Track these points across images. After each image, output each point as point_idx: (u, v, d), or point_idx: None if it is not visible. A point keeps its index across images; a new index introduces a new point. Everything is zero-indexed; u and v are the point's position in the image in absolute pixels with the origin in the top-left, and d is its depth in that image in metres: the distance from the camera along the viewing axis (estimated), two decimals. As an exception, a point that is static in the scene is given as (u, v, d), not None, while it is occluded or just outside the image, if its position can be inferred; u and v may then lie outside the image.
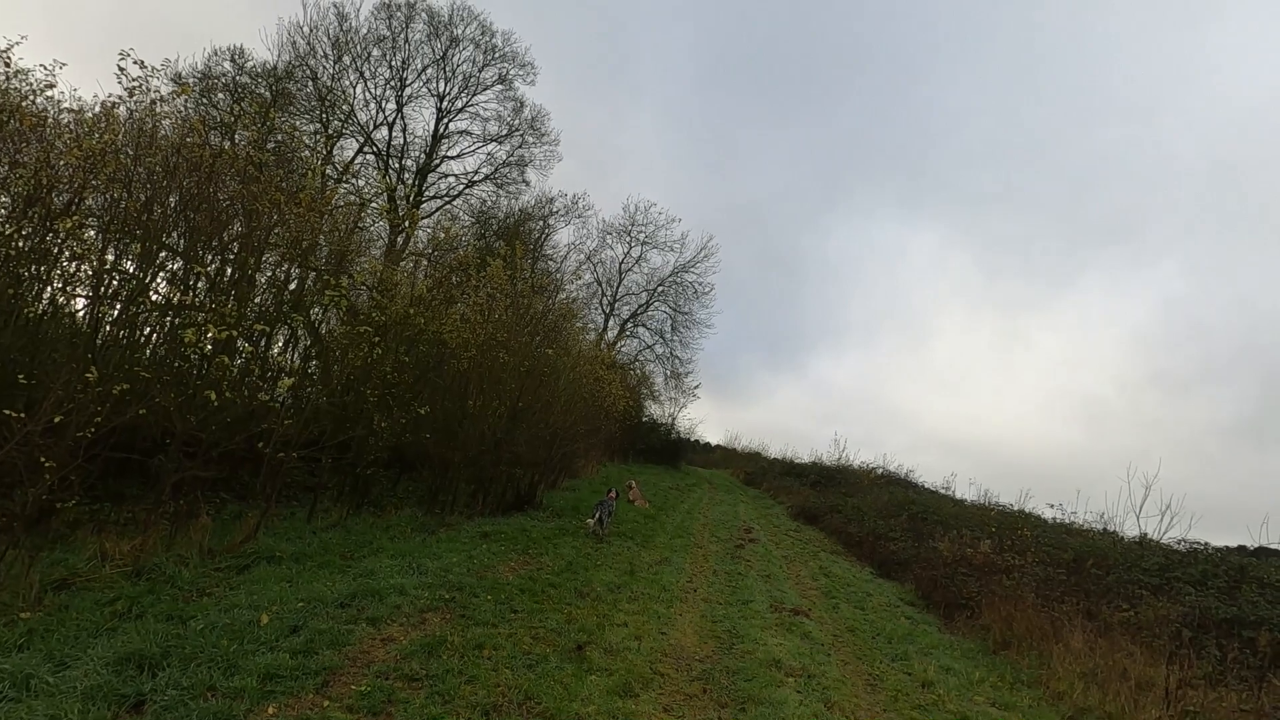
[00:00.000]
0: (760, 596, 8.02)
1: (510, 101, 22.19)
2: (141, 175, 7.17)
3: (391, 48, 21.37)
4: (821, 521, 17.67)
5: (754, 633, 6.43)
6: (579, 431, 12.06)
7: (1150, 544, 11.20)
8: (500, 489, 10.27)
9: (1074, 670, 6.40)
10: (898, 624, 7.92)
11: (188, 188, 7.36)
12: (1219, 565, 9.50)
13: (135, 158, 7.06)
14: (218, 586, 5.65)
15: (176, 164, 7.25)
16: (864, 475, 24.63)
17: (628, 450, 25.06)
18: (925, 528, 13.76)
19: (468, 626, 5.22)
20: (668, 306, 32.39)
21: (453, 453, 9.69)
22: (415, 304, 8.95)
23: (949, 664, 6.51)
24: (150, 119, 7.45)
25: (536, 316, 11.28)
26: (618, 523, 11.11)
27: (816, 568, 11.01)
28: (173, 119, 7.92)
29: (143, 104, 7.35)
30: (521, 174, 23.25)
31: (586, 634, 5.49)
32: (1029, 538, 10.63)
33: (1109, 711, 5.55)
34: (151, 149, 7.15)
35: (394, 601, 5.49)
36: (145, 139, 7.20)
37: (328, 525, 8.29)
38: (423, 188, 21.38)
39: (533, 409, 10.07)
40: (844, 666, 6.08)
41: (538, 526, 9.50)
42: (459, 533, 8.56)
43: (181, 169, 7.33)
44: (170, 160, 7.22)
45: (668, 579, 8.01)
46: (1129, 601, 8.56)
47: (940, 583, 9.54)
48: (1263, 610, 7.74)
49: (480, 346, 9.46)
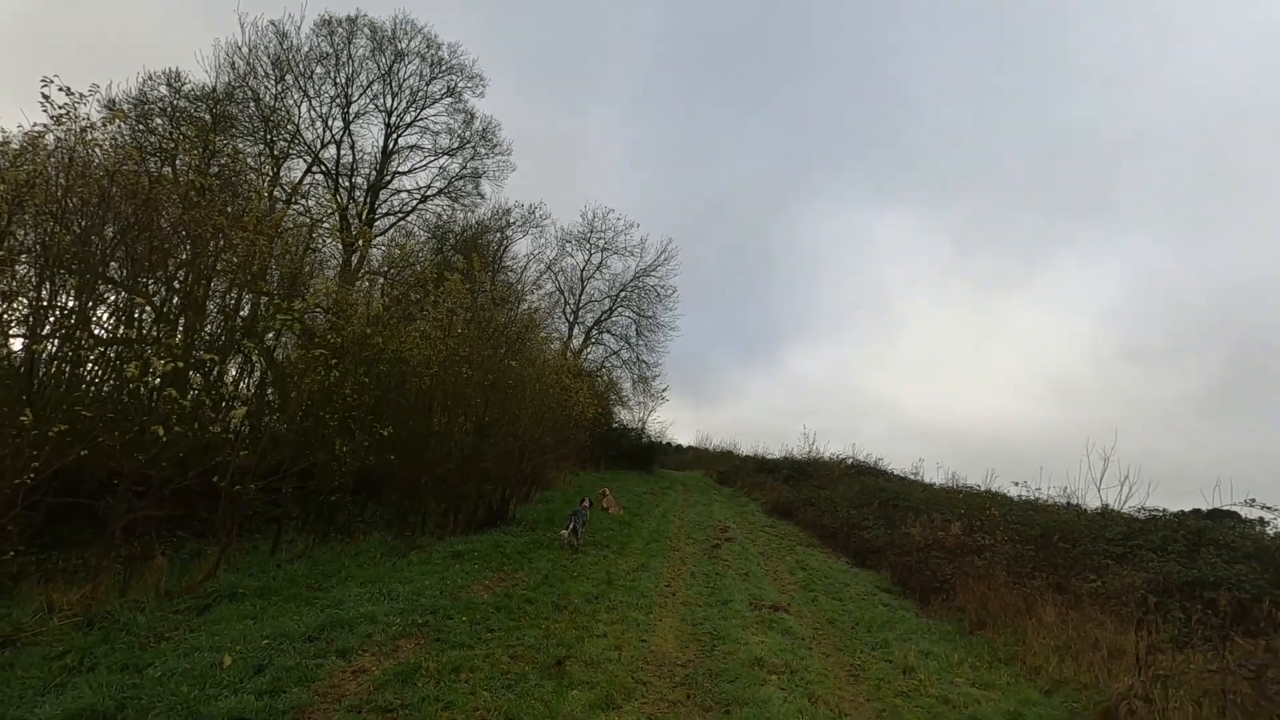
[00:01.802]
0: (739, 595, 8.01)
1: (460, 114, 22.00)
2: (75, 205, 6.88)
3: (335, 65, 20.99)
4: (796, 515, 17.81)
5: (735, 632, 6.41)
6: (548, 442, 11.94)
7: (1112, 514, 11.52)
8: (471, 506, 10.09)
9: (1048, 644, 6.53)
10: (876, 612, 7.99)
11: (126, 216, 7.09)
12: (1177, 530, 9.81)
13: (67, 188, 6.77)
14: (177, 630, 5.42)
15: (111, 192, 6.98)
16: (834, 467, 24.91)
17: (600, 458, 24.94)
18: (897, 514, 13.95)
19: (443, 650, 5.09)
20: (631, 311, 32.40)
21: (420, 473, 9.50)
22: (372, 324, 8.74)
23: (928, 648, 6.58)
24: (82, 146, 7.17)
25: (498, 329, 11.14)
26: (593, 531, 11.02)
27: (794, 562, 11.06)
28: (105, 146, 7.63)
29: (73, 132, 7.06)
30: (476, 186, 23.04)
31: (565, 648, 5.40)
32: (996, 517, 10.85)
33: (1084, 682, 5.67)
34: (84, 178, 6.88)
35: (364, 631, 5.33)
36: (77, 168, 6.92)
37: (293, 556, 8.05)
38: (375, 205, 21.00)
39: (499, 422, 9.93)
40: (826, 659, 6.10)
41: (511, 542, 9.36)
42: (430, 554, 8.37)
43: (117, 197, 7.07)
44: (105, 188, 6.95)
45: (645, 585, 7.96)
46: (1096, 572, 8.78)
47: (914, 568, 9.67)
48: (1221, 571, 7.99)
49: (442, 363, 9.29)
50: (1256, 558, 8.44)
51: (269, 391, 9.39)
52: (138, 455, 5.93)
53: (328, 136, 21.28)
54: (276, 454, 7.68)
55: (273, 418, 9.22)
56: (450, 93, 21.79)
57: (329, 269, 15.72)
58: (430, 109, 21.73)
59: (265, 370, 9.65)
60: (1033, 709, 5.23)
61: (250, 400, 6.80)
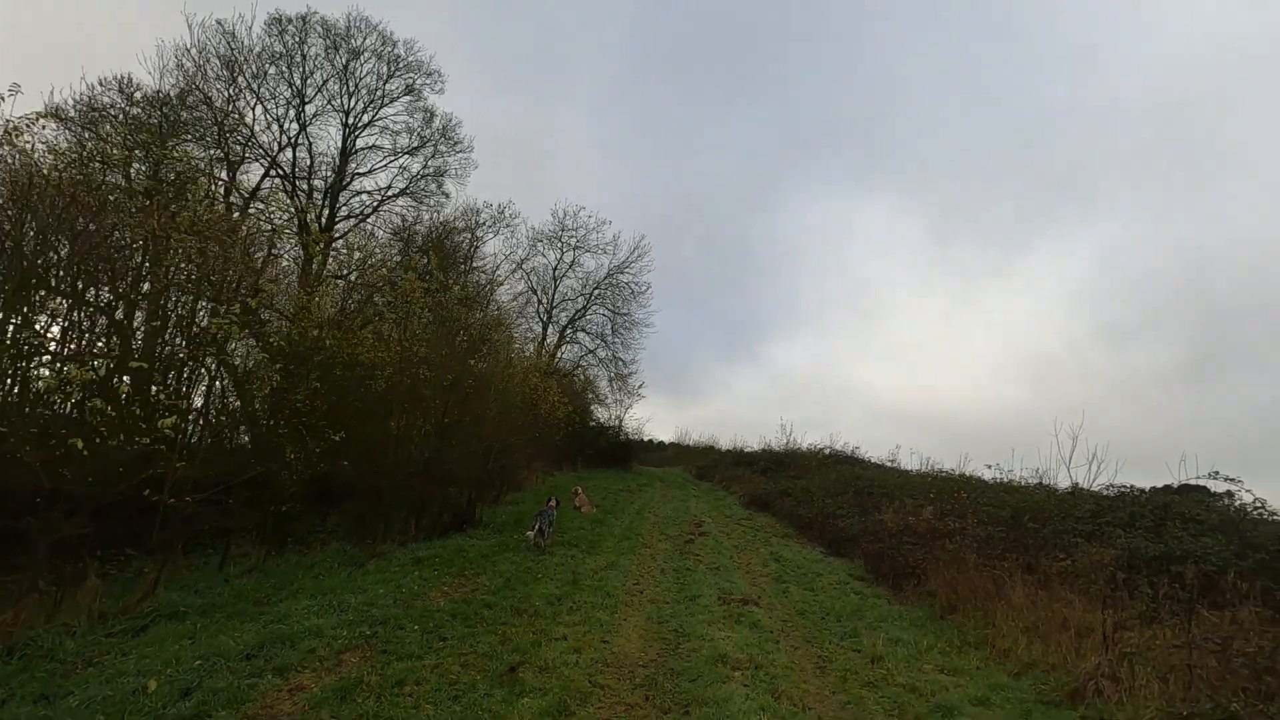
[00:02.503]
0: (708, 590, 7.85)
1: (420, 112, 21.53)
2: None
3: (289, 65, 20.43)
4: (773, 507, 17.72)
5: (700, 629, 6.24)
6: (516, 443, 11.69)
7: (1082, 492, 11.56)
8: (435, 511, 9.81)
9: (1017, 626, 6.45)
10: (847, 601, 7.88)
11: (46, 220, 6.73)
12: (1145, 506, 9.84)
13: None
14: (109, 654, 5.11)
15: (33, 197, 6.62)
16: (812, 457, 24.90)
17: (575, 457, 24.67)
18: (871, 501, 13.90)
19: (389, 663, 4.85)
20: (606, 309, 32.13)
21: (380, 478, 9.21)
22: (323, 326, 8.43)
23: (898, 635, 6.47)
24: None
25: (459, 328, 10.86)
26: (562, 531, 10.80)
27: (767, 554, 10.94)
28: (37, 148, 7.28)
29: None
30: (439, 186, 22.59)
31: (521, 654, 5.18)
32: (966, 500, 10.81)
33: (1052, 663, 5.58)
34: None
35: (307, 646, 5.06)
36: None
37: (245, 570, 7.73)
38: (335, 207, 20.49)
39: (461, 424, 9.65)
40: (793, 652, 5.95)
41: (476, 545, 9.09)
42: (390, 562, 8.10)
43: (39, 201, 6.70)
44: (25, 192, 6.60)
45: (612, 584, 7.76)
46: (1066, 551, 8.74)
47: (886, 554, 9.59)
48: (1187, 544, 8.00)
49: (397, 364, 9.00)
50: (1221, 530, 8.47)
51: (213, 399, 9.05)
52: (64, 471, 5.60)
53: (284, 139, 20.73)
54: (221, 463, 7.35)
55: (212, 426, 8.89)
56: (409, 91, 21.34)
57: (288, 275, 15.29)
58: (388, 108, 21.27)
59: (213, 377, 9.31)
60: (1000, 693, 5.12)
61: (187, 409, 6.46)
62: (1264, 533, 8.17)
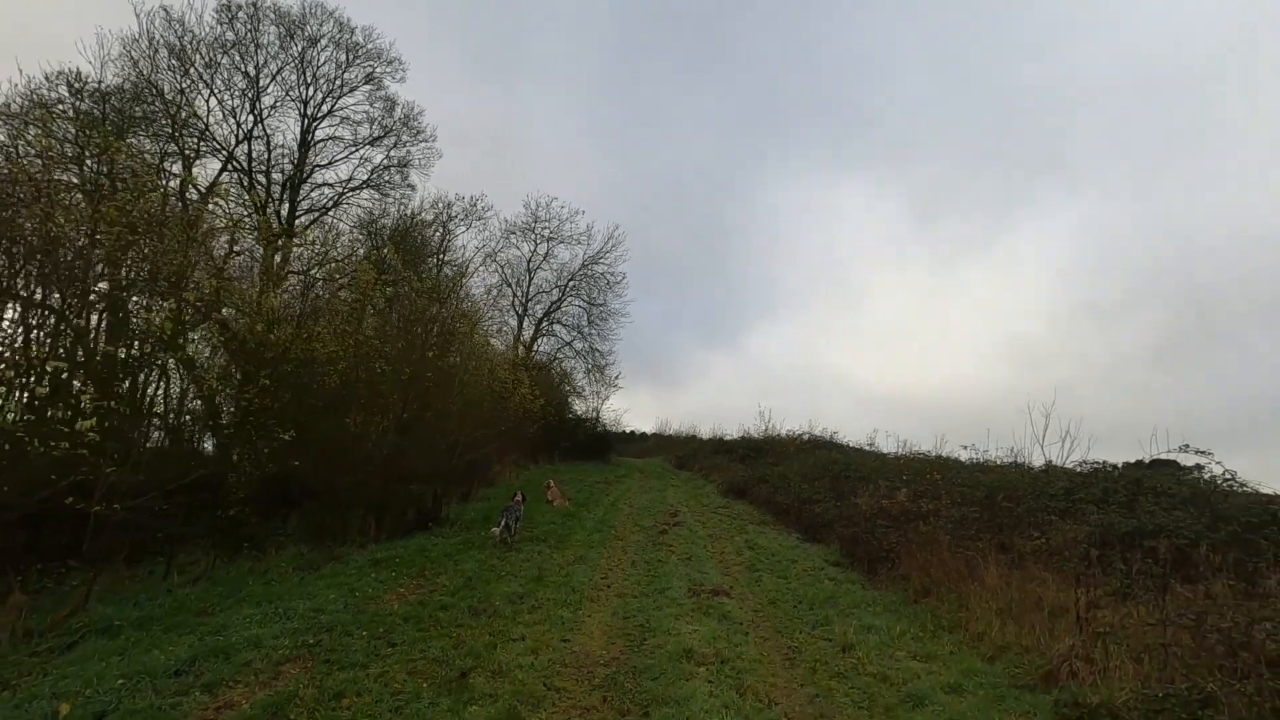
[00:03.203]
0: (678, 582, 7.63)
1: (381, 101, 20.94)
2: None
3: (242, 54, 19.74)
4: (750, 494, 17.58)
5: (667, 623, 6.01)
6: (485, 438, 11.36)
7: (1055, 470, 11.51)
8: (398, 510, 9.48)
9: (991, 608, 6.30)
10: (821, 588, 7.71)
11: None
12: (1117, 481, 9.79)
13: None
14: (29, 674, 4.76)
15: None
16: (790, 443, 24.80)
17: (552, 450, 24.35)
18: (847, 486, 13.78)
19: (330, 673, 4.55)
20: (581, 300, 31.78)
21: (339, 478, 8.85)
22: (272, 320, 8.04)
23: (870, 621, 6.30)
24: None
25: (419, 320, 10.49)
26: (532, 526, 10.52)
27: (742, 542, 10.75)
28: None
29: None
30: (404, 177, 22.03)
31: (474, 658, 4.91)
32: (939, 481, 10.71)
33: (1026, 645, 5.43)
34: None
35: (244, 658, 4.75)
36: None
37: (191, 579, 7.37)
38: (296, 201, 19.88)
39: (422, 420, 9.32)
40: (763, 644, 5.74)
41: (440, 544, 8.79)
42: (347, 565, 7.77)
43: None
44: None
45: (579, 579, 7.50)
46: (1040, 529, 8.65)
47: (861, 539, 9.44)
48: (1159, 519, 7.93)
49: (351, 359, 8.64)
50: (1193, 503, 8.41)
51: (171, 401, 8.63)
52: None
53: (240, 132, 20.05)
54: (162, 468, 6.97)
55: (175, 427, 8.48)
56: (369, 79, 20.74)
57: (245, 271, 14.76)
58: (348, 97, 20.65)
59: (166, 377, 8.88)
60: (974, 679, 4.96)
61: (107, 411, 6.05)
62: (1234, 504, 8.12)
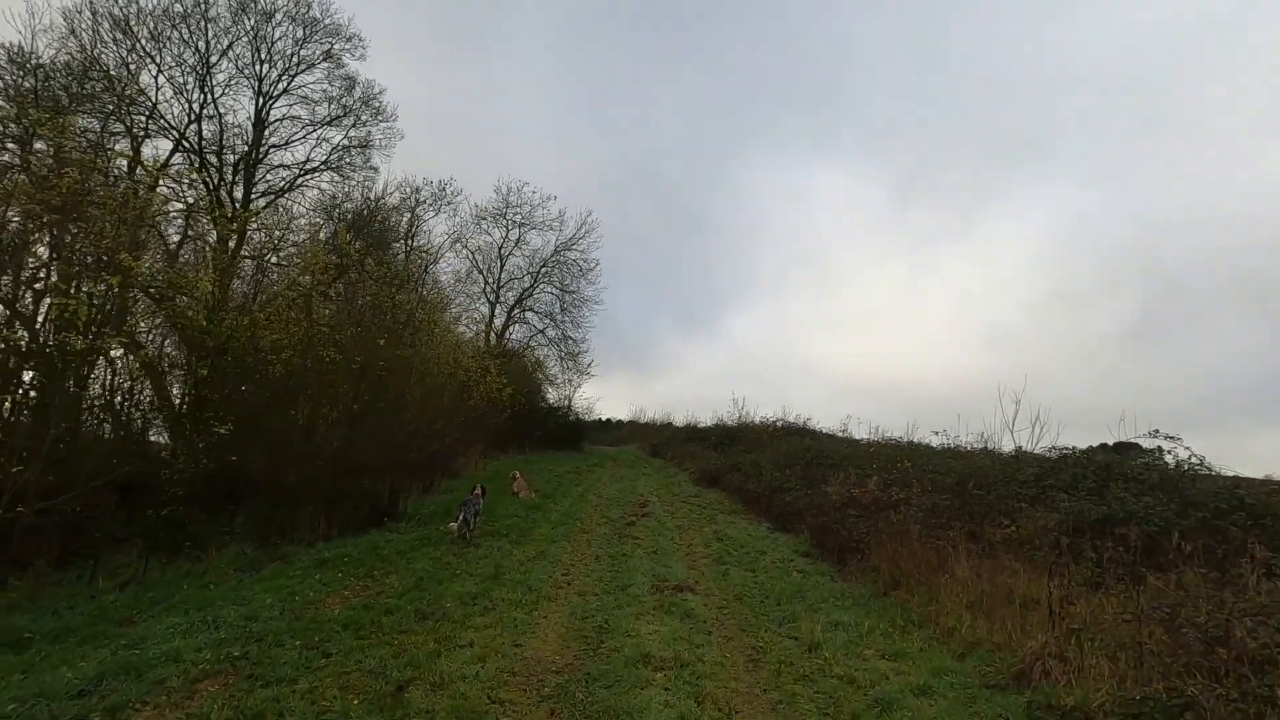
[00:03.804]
0: (642, 577, 7.34)
1: (340, 79, 20.11)
2: None
3: (192, 28, 18.80)
4: (723, 482, 17.38)
5: (627, 623, 5.71)
6: (446, 428, 10.93)
7: (1025, 456, 11.44)
8: (351, 505, 9.04)
9: (961, 601, 6.11)
10: (789, 581, 7.47)
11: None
12: (1087, 467, 9.70)
13: None
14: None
15: None
16: (763, 430, 24.67)
17: (523, 439, 23.91)
18: (818, 473, 13.61)
19: (251, 691, 4.16)
20: (554, 287, 31.23)
21: (287, 472, 8.39)
22: (206, 307, 7.53)
23: (838, 617, 6.06)
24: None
25: (376, 308, 10.00)
26: (494, 520, 10.15)
27: (711, 533, 10.50)
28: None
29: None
30: (366, 159, 21.24)
31: (414, 668, 4.56)
32: (909, 468, 10.55)
33: (997, 642, 5.23)
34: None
35: (159, 675, 4.34)
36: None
37: (122, 584, 6.89)
38: (252, 183, 19.04)
39: (375, 410, 8.87)
40: (726, 644, 5.47)
41: (395, 540, 8.38)
42: (292, 565, 7.35)
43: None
44: None
45: (538, 576, 7.17)
46: (1010, 517, 8.52)
47: (831, 528, 9.24)
48: (1130, 505, 7.82)
49: (298, 347, 8.15)
50: (1162, 488, 8.35)
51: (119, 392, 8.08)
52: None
53: (191, 112, 19.12)
54: (82, 464, 6.46)
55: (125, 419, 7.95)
56: (327, 56, 19.89)
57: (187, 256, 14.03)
58: (306, 75, 19.79)
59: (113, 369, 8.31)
60: (944, 679, 4.73)
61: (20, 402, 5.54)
62: (1203, 489, 8.05)
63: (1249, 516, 7.28)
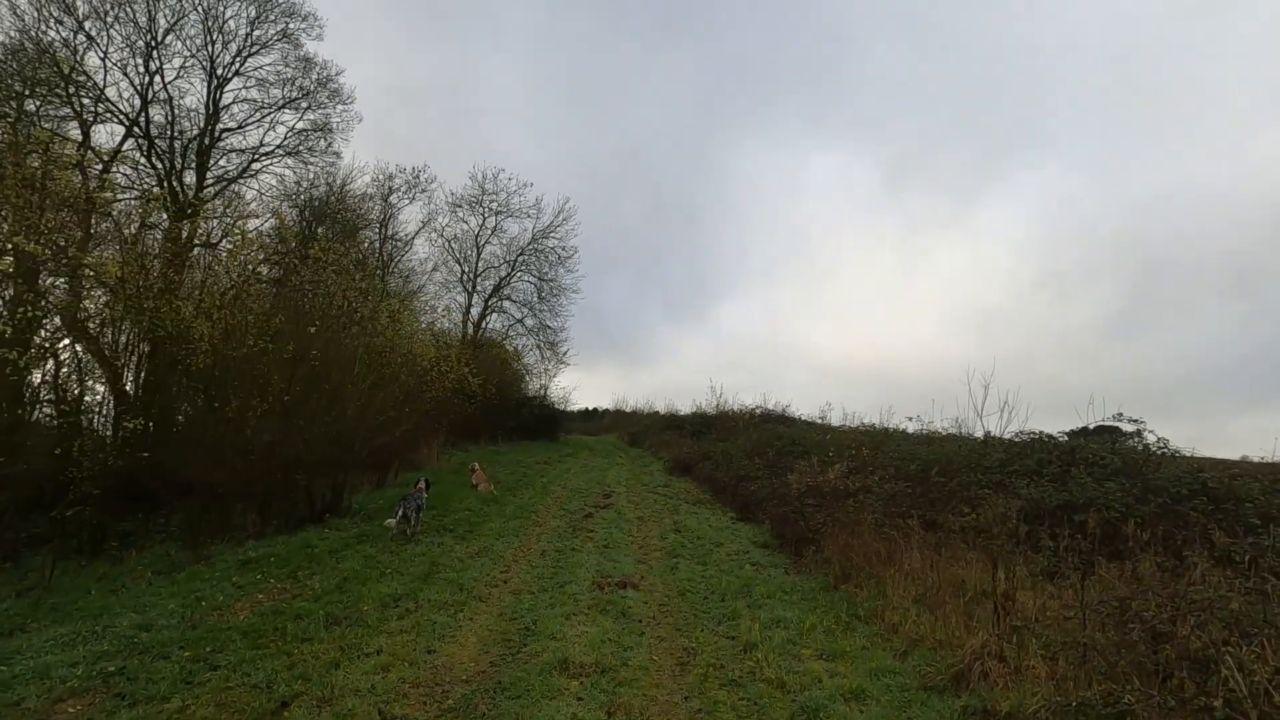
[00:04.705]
0: (585, 573, 7.01)
1: (297, 61, 19.45)
2: None
3: (139, 5, 18.06)
4: (694, 471, 17.11)
5: (555, 625, 5.38)
6: (390, 420, 10.51)
7: (994, 441, 11.21)
8: (288, 502, 8.63)
9: (909, 595, 5.83)
10: (739, 575, 7.16)
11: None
12: (1052, 452, 9.46)
13: None
14: None
15: None
16: (740, 417, 24.42)
17: (495, 430, 23.49)
18: (786, 461, 13.34)
19: (116, 711, 3.79)
20: (532, 276, 30.70)
21: (215, 468, 7.97)
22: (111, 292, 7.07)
23: (781, 614, 5.76)
24: None
25: (311, 294, 9.55)
26: (446, 514, 9.78)
27: (670, 524, 10.20)
28: None
29: None
30: (329, 143, 20.62)
31: (304, 681, 4.20)
32: (867, 456, 10.28)
33: (940, 639, 4.94)
34: None
35: (17, 695, 3.96)
36: None
37: (23, 589, 6.48)
38: (204, 169, 18.36)
39: (310, 402, 8.43)
40: (657, 645, 5.15)
41: (331, 538, 7.98)
42: (213, 566, 6.95)
43: None
44: None
45: (474, 574, 6.82)
46: (971, 505, 8.27)
47: (790, 518, 8.96)
48: (1090, 491, 7.58)
49: (222, 336, 7.71)
50: (1125, 473, 8.12)
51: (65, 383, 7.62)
52: None
53: (137, 96, 18.38)
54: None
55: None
56: (284, 36, 19.21)
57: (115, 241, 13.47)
58: (261, 56, 19.12)
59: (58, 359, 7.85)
60: (881, 680, 4.44)
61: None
62: (1166, 474, 7.82)
63: (1210, 501, 7.06)
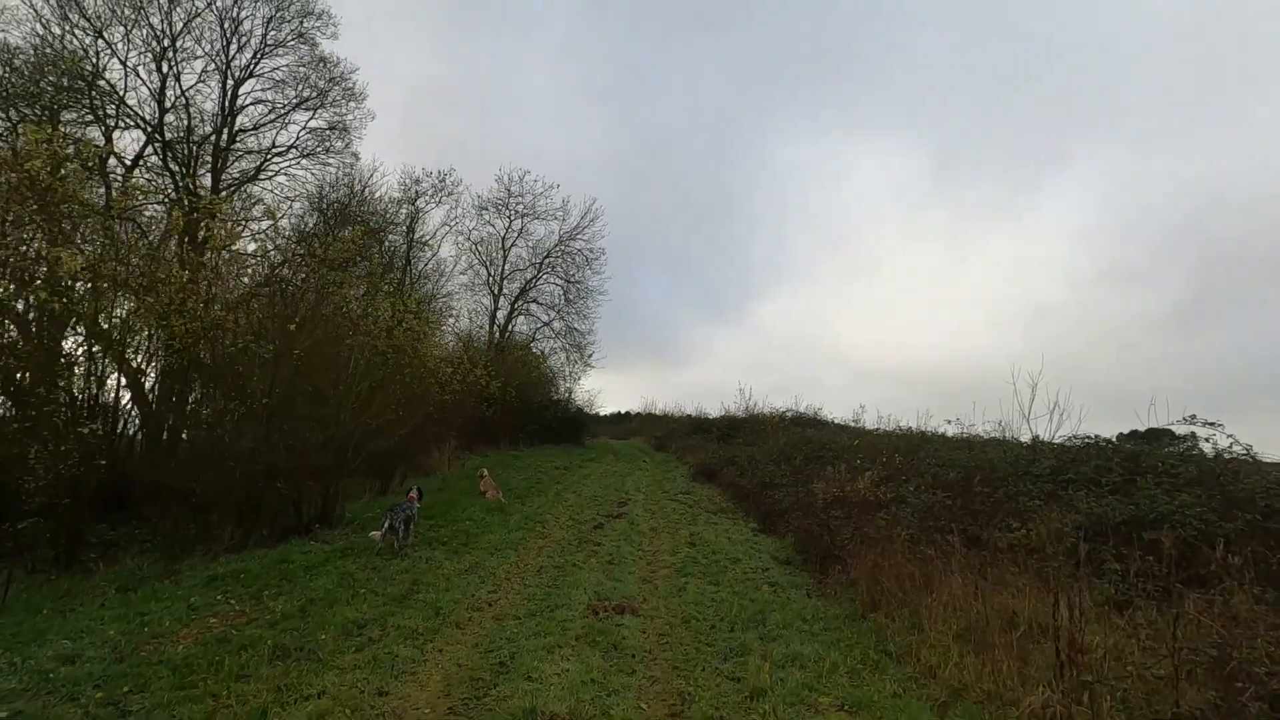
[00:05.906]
0: (582, 595, 6.29)
1: (312, 61, 19.22)
2: None
3: (156, 9, 18.04)
4: (718, 477, 16.30)
5: (533, 661, 4.65)
6: (386, 425, 9.92)
7: (1042, 446, 10.16)
8: (273, 512, 8.09)
9: (949, 630, 4.96)
10: (754, 598, 6.35)
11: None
12: (1111, 458, 8.41)
13: None
14: None
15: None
16: (769, 421, 23.46)
17: (516, 434, 22.95)
18: (813, 467, 12.43)
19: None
20: (558, 278, 30.31)
21: (190, 476, 7.47)
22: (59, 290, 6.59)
23: (799, 649, 4.94)
24: None
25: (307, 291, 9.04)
26: (444, 524, 9.17)
27: (687, 536, 9.42)
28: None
29: None
30: (346, 144, 20.40)
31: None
32: (900, 462, 9.35)
33: (988, 690, 4.07)
34: None
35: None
36: None
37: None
38: (220, 169, 18.22)
39: (293, 405, 7.89)
40: (648, 689, 4.38)
41: (313, 551, 7.40)
42: (180, 583, 6.41)
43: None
44: None
45: (455, 596, 6.14)
46: (1020, 518, 7.31)
47: (814, 531, 8.11)
48: (1161, 504, 6.58)
49: (195, 335, 7.20)
50: (1200, 483, 7.07)
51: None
52: None
53: (154, 100, 18.35)
54: None
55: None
56: (299, 37, 19.03)
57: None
58: (276, 57, 18.96)
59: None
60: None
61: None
62: (1252, 485, 6.75)
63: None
